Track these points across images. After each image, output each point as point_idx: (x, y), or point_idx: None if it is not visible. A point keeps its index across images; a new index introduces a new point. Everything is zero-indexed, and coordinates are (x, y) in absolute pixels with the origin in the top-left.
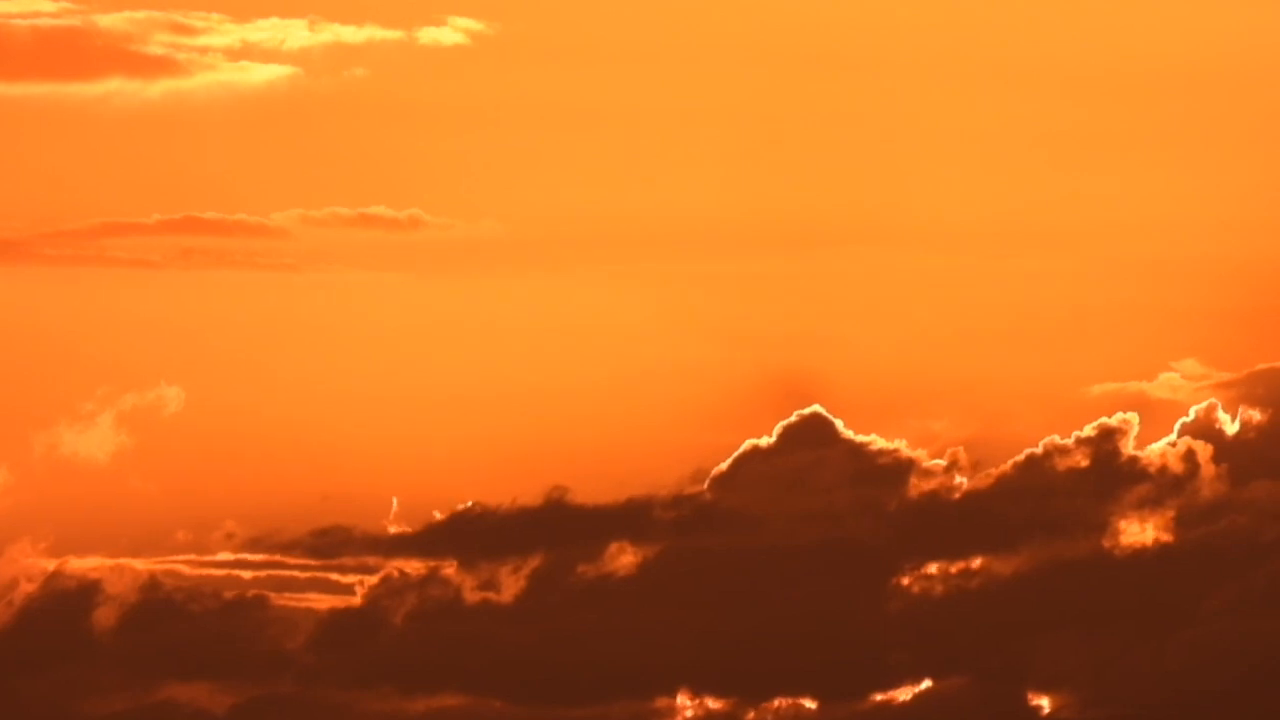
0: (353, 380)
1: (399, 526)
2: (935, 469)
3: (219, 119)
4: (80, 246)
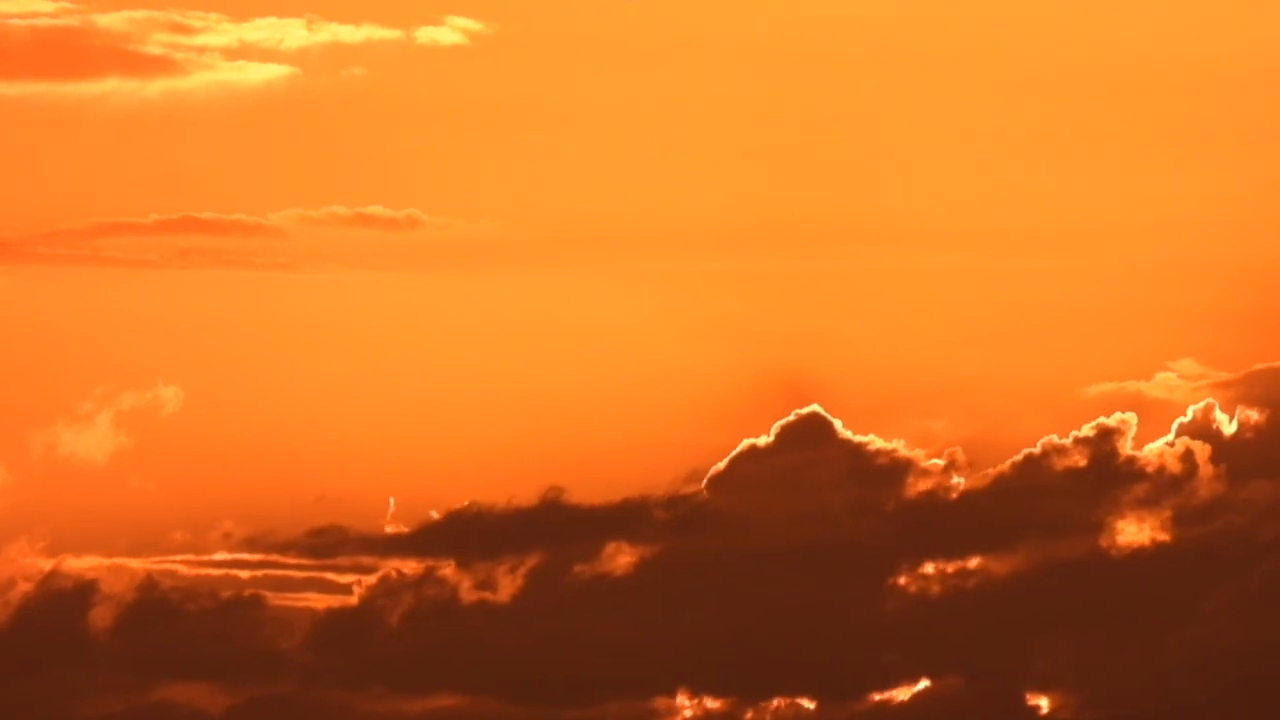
0: (350, 380)
1: (395, 526)
2: (933, 469)
3: (217, 119)
4: (78, 246)
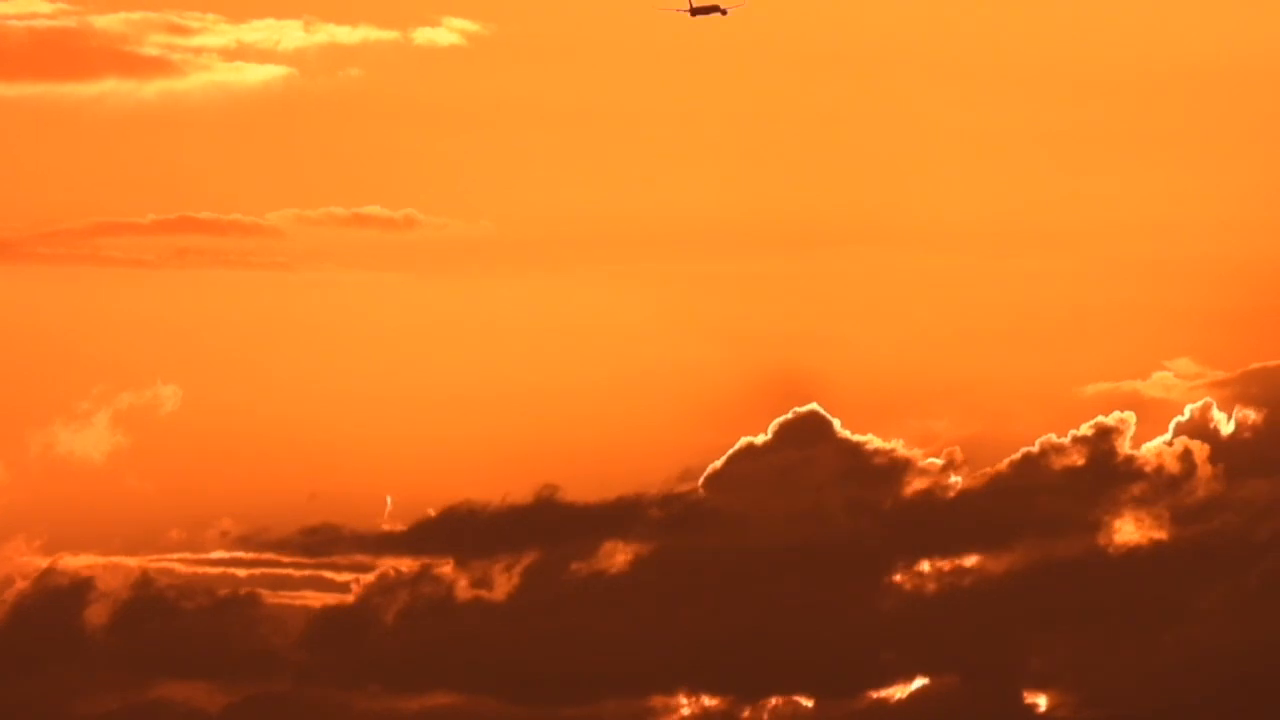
0: (347, 379)
1: (392, 525)
2: (931, 468)
3: (214, 119)
4: (76, 246)
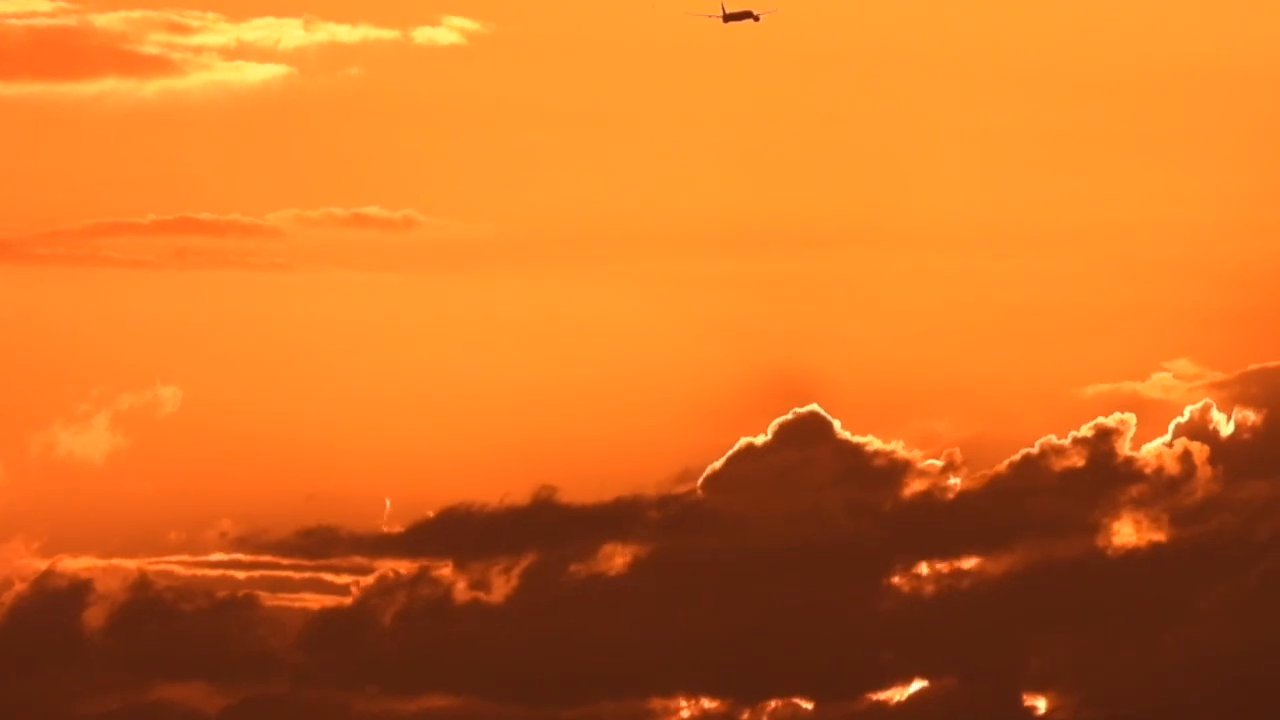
0: (346, 380)
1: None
2: (930, 469)
3: (213, 119)
4: (75, 246)
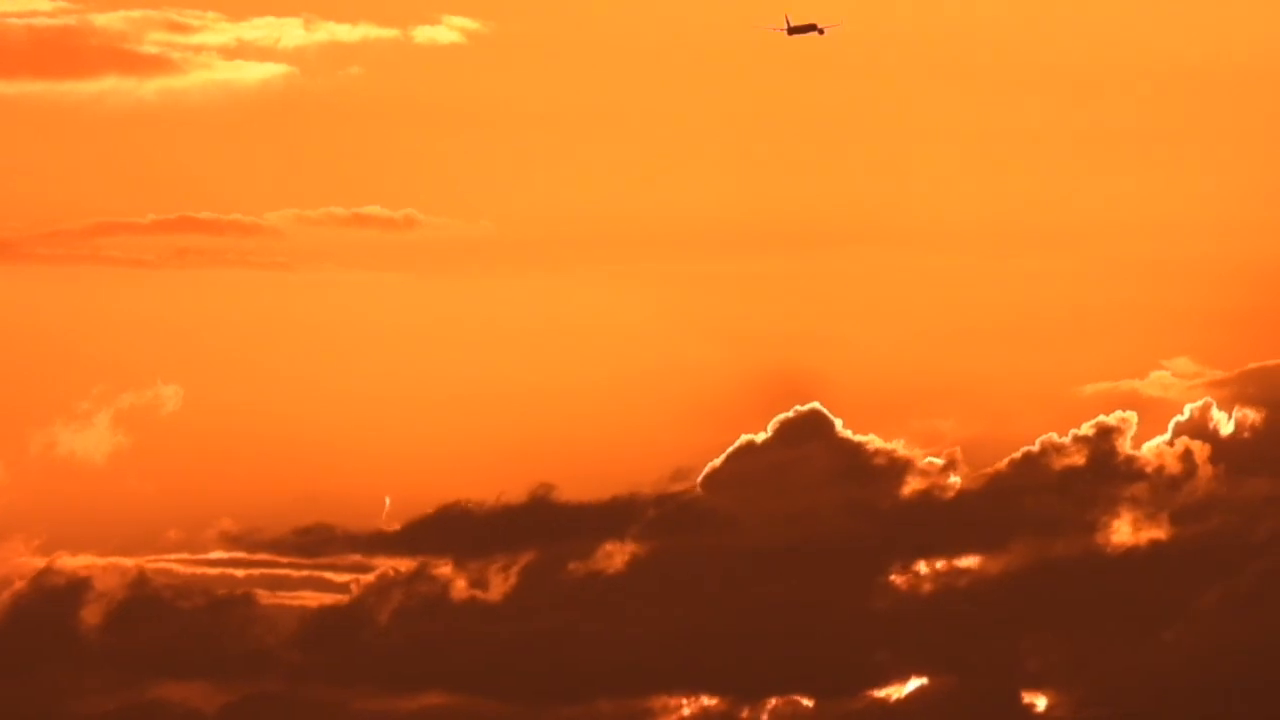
0: (346, 379)
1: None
2: (931, 468)
3: (214, 118)
4: (75, 246)
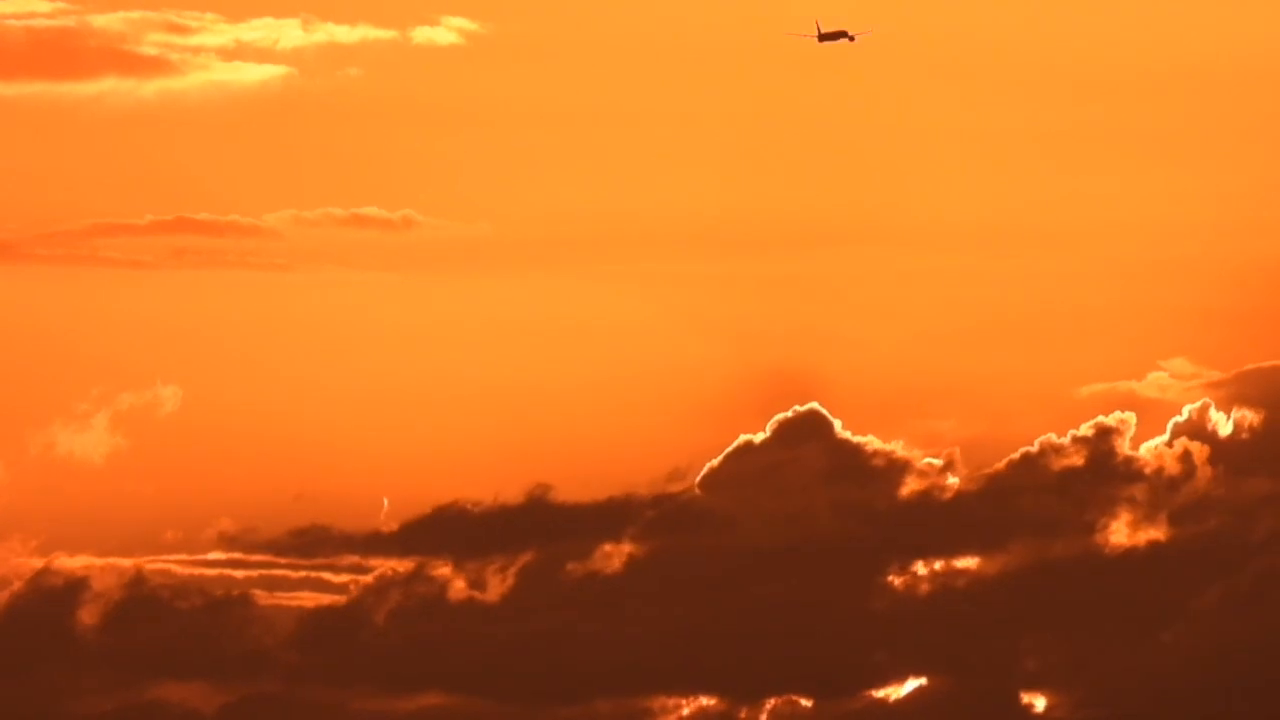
0: (344, 380)
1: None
2: (930, 468)
3: (212, 119)
4: (74, 247)
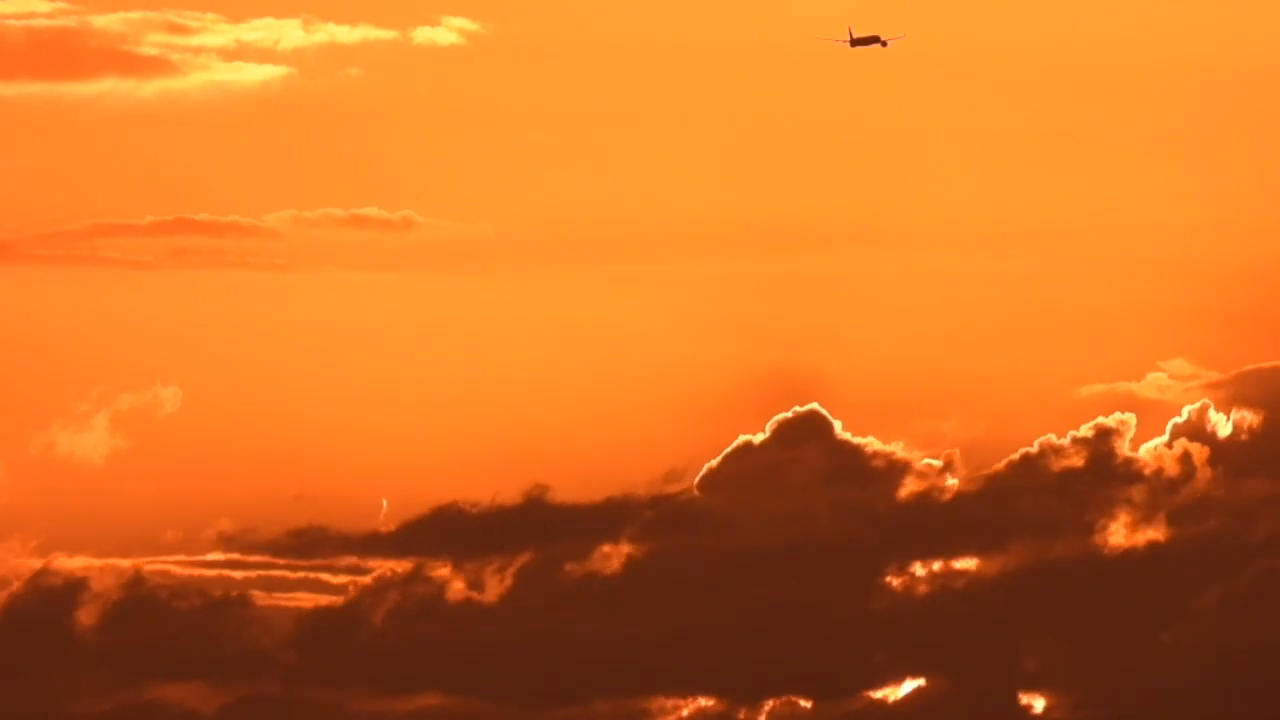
0: (344, 380)
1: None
2: (929, 469)
3: (212, 119)
4: (74, 247)
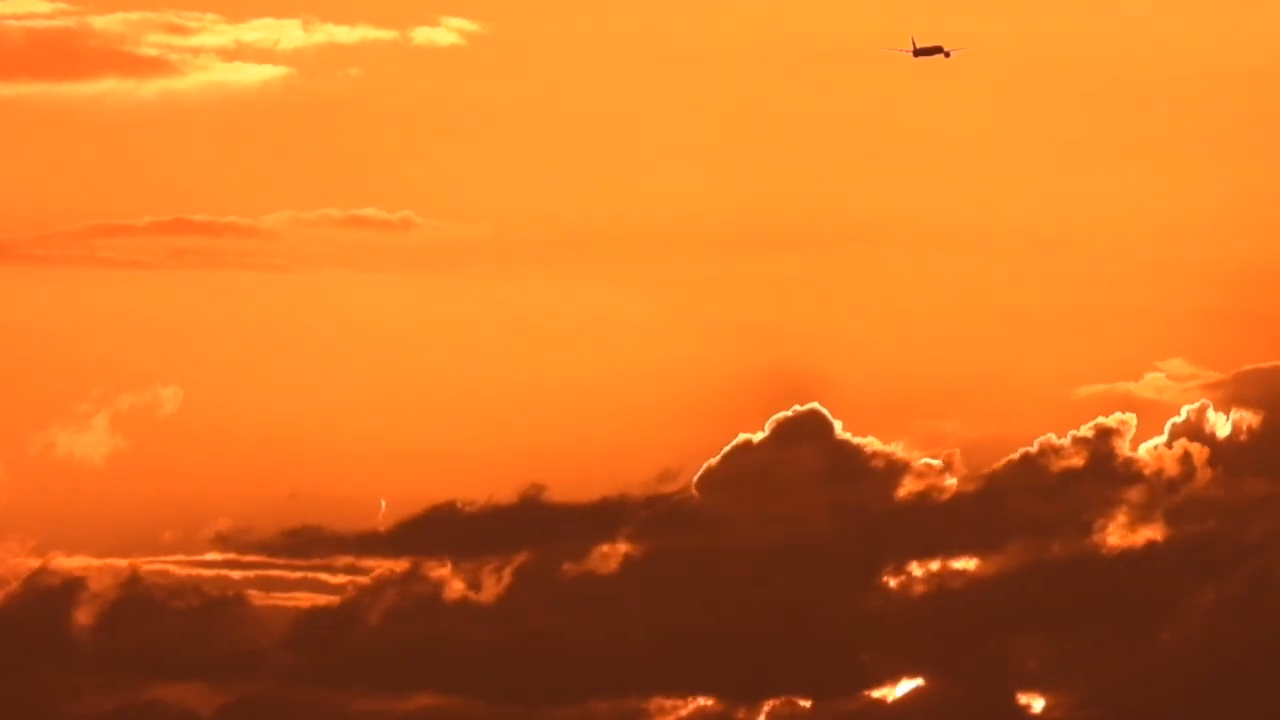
0: (342, 381)
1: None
2: (928, 469)
3: (212, 120)
4: (72, 247)
